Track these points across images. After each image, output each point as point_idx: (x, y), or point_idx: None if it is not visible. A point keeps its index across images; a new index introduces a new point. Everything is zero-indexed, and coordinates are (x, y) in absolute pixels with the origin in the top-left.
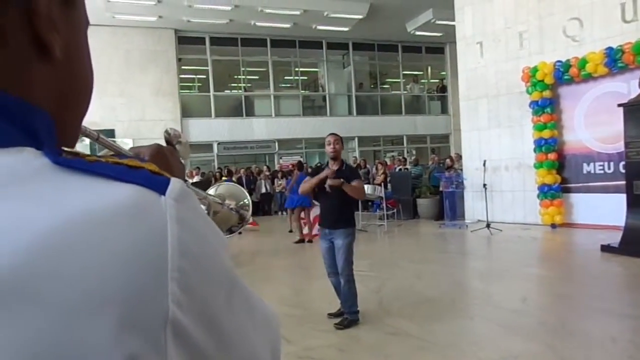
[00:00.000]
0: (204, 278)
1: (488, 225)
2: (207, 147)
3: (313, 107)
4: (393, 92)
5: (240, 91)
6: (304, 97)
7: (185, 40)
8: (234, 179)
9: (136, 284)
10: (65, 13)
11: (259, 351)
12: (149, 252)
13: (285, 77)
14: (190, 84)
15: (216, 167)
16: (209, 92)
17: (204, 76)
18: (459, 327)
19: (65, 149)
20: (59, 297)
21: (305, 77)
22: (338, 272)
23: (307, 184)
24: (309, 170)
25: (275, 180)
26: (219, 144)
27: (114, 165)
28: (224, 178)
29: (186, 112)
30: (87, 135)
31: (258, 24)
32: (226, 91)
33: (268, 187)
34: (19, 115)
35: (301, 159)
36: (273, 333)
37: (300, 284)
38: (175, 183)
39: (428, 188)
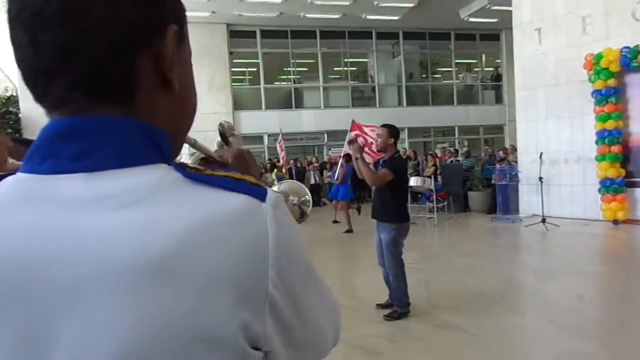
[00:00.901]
0: (292, 265)
1: (544, 220)
2: (257, 138)
3: (362, 98)
4: (444, 81)
5: (289, 83)
6: (353, 88)
7: (237, 34)
8: (284, 170)
9: (248, 269)
10: (179, 51)
11: (324, 328)
12: (256, 246)
13: (334, 69)
14: (242, 77)
15: (266, 158)
16: (259, 84)
17: (255, 69)
18: (509, 323)
19: (190, 164)
20: (195, 277)
21: (355, 68)
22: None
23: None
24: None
25: (324, 171)
26: (269, 135)
27: (224, 178)
28: (276, 171)
29: (238, 104)
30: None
31: (308, 15)
32: (276, 83)
33: (317, 178)
34: (154, 139)
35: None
36: (336, 316)
37: (348, 273)
38: (270, 192)
39: (480, 181)
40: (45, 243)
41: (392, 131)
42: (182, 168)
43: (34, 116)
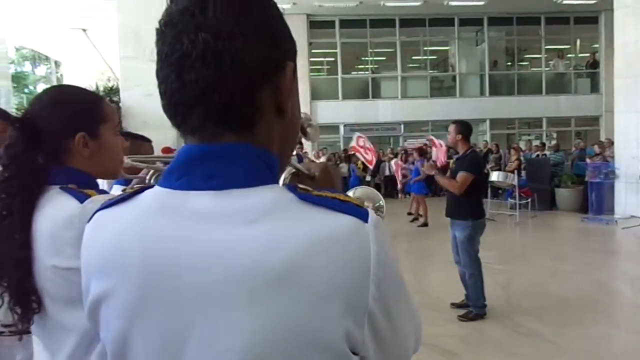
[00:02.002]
0: (388, 280)
1: None
2: (333, 128)
3: (441, 88)
4: (533, 69)
5: (367, 73)
6: (432, 78)
7: (316, 25)
8: (360, 160)
9: (353, 283)
10: (293, 83)
11: (409, 337)
12: (360, 263)
13: (413, 57)
14: (319, 67)
15: (342, 148)
16: (337, 74)
17: (333, 59)
18: (600, 334)
19: (300, 186)
20: (309, 288)
21: (435, 57)
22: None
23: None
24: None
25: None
26: (345, 125)
27: (332, 200)
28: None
29: (315, 94)
30: None
31: (387, 4)
32: (353, 73)
33: (392, 169)
34: (268, 162)
35: (427, 142)
36: (418, 326)
37: (423, 269)
38: (372, 214)
39: (570, 177)
40: (179, 250)
41: (460, 127)
42: (294, 189)
43: (132, 106)
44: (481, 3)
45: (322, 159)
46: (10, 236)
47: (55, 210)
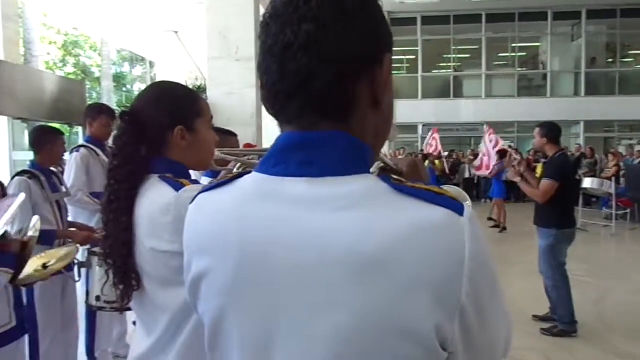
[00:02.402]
0: (483, 277)
1: None
2: (412, 128)
3: (530, 87)
4: (638, 66)
5: (449, 71)
6: (520, 76)
7: (397, 22)
8: (436, 162)
9: (445, 276)
10: (389, 76)
11: (499, 339)
12: (454, 256)
13: (500, 55)
14: (399, 65)
15: (419, 148)
16: (417, 73)
17: (413, 57)
18: None
19: (394, 177)
20: (400, 276)
21: (524, 54)
22: None
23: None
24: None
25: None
26: (423, 125)
27: (427, 191)
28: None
29: (393, 93)
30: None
31: None
32: (434, 71)
33: (472, 172)
34: (363, 152)
35: (512, 144)
36: (509, 330)
37: (504, 277)
38: (467, 208)
39: None
40: (275, 232)
41: (544, 130)
42: (388, 179)
43: (217, 103)
44: None
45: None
46: (117, 219)
47: (154, 197)
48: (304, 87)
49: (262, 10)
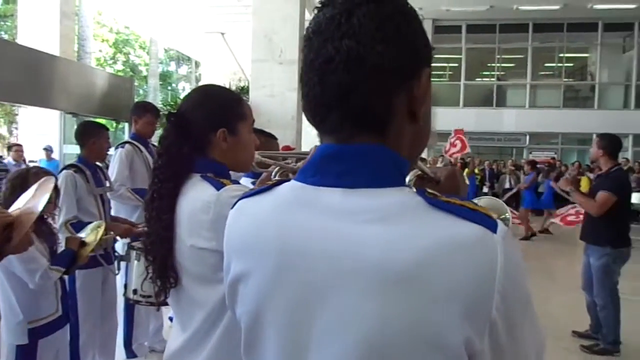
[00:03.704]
0: (515, 294)
1: None
2: (449, 135)
3: (577, 98)
4: None
5: (492, 80)
6: (566, 87)
7: (441, 30)
8: (476, 170)
9: (476, 291)
10: (428, 89)
11: (529, 353)
12: (486, 272)
13: (546, 64)
14: (441, 73)
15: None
16: (459, 80)
17: (456, 64)
18: None
19: (429, 190)
20: (431, 289)
21: (571, 64)
22: (592, 291)
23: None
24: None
25: (522, 176)
26: (465, 134)
27: (461, 207)
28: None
29: (434, 100)
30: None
31: (521, 7)
32: (477, 80)
33: (512, 182)
34: (399, 165)
35: (555, 156)
36: (541, 344)
37: (545, 290)
38: (501, 225)
39: None
40: (311, 239)
41: (603, 141)
42: (423, 192)
43: (259, 104)
44: (632, 6)
45: (439, 165)
46: (159, 217)
47: (195, 195)
48: (343, 100)
49: (307, 15)
